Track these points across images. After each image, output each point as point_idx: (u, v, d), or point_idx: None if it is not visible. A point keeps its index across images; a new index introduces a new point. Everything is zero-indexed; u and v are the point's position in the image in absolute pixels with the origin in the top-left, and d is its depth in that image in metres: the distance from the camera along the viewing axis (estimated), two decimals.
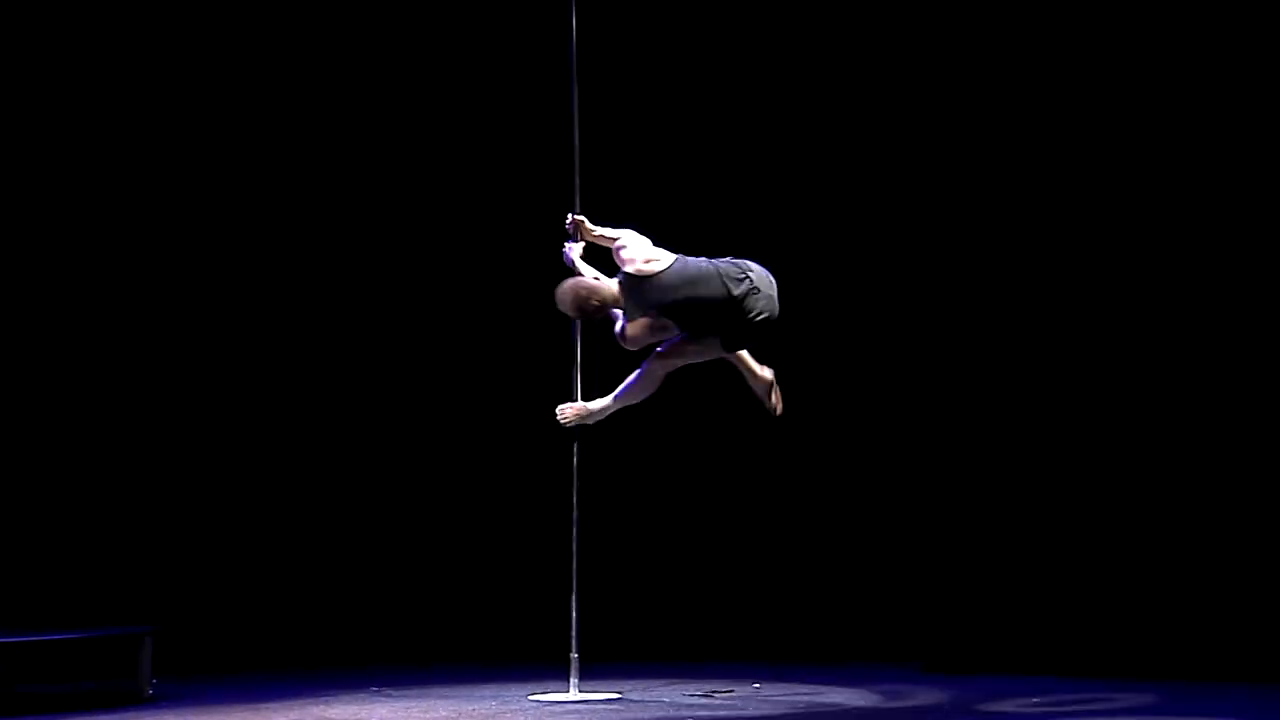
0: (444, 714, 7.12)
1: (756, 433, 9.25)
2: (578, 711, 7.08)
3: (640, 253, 7.31)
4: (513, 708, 7.26)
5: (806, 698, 7.51)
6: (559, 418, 7.58)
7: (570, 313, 7.36)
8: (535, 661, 8.37)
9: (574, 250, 7.58)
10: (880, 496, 9.37)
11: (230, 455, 9.62)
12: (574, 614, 7.45)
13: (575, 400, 7.59)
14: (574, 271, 7.51)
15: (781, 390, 7.43)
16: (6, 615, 8.05)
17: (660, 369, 7.35)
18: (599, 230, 7.53)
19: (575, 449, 7.58)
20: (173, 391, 9.59)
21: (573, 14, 7.75)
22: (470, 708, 7.30)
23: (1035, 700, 7.32)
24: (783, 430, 9.12)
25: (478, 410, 9.83)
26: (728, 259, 7.21)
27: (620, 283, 7.28)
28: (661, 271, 7.22)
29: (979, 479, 9.03)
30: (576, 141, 7.72)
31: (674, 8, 9.73)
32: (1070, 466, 8.81)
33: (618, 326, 7.35)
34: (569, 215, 7.61)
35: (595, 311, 7.30)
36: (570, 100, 7.72)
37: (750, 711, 7.15)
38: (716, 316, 7.15)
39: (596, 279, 7.40)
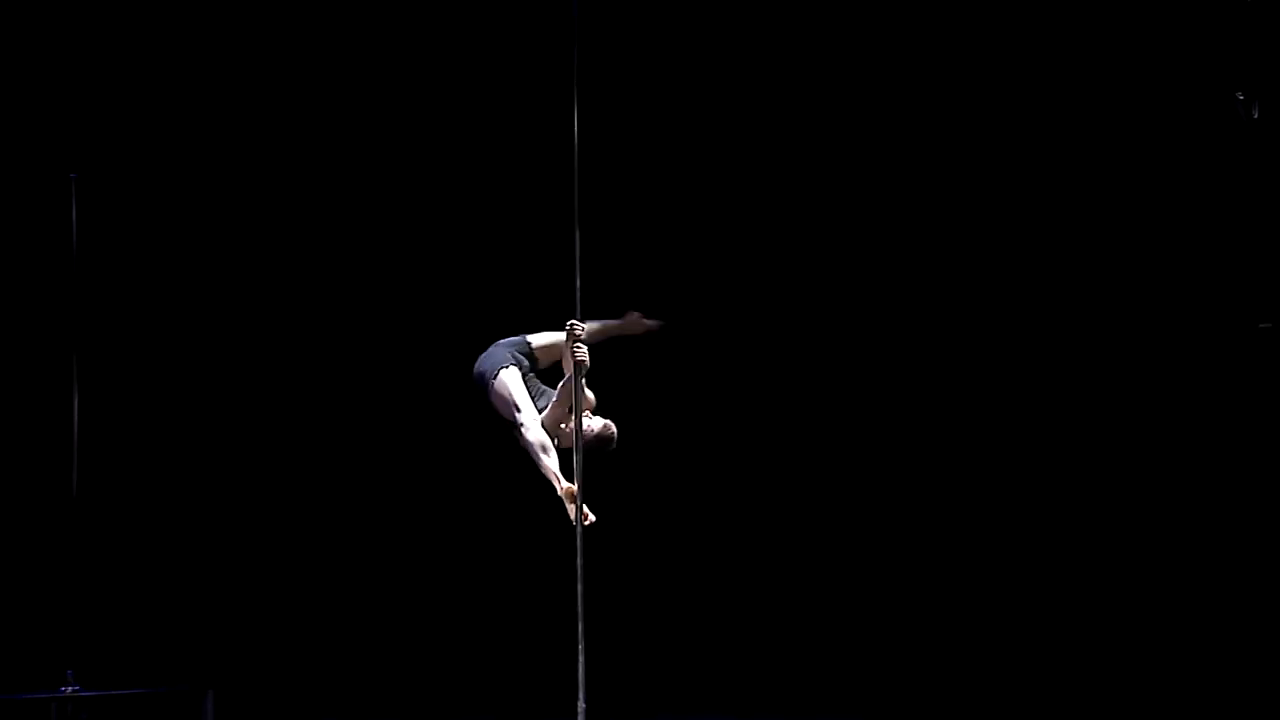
0: None
1: (733, 502, 9.99)
2: None
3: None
4: None
5: None
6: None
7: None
8: (546, 714, 8.84)
9: (583, 337, 7.22)
10: (832, 571, 9.74)
11: (284, 538, 10.13)
12: (581, 669, 7.42)
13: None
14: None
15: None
16: (87, 673, 8.32)
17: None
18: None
19: (579, 532, 7.45)
20: (242, 485, 10.14)
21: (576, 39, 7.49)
22: None
23: None
24: (757, 497, 9.92)
25: (489, 493, 10.06)
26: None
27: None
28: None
29: (921, 546, 9.44)
30: (578, 248, 7.17)
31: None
32: (1006, 532, 9.22)
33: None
34: (569, 322, 7.21)
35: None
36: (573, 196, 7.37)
37: None
38: None
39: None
